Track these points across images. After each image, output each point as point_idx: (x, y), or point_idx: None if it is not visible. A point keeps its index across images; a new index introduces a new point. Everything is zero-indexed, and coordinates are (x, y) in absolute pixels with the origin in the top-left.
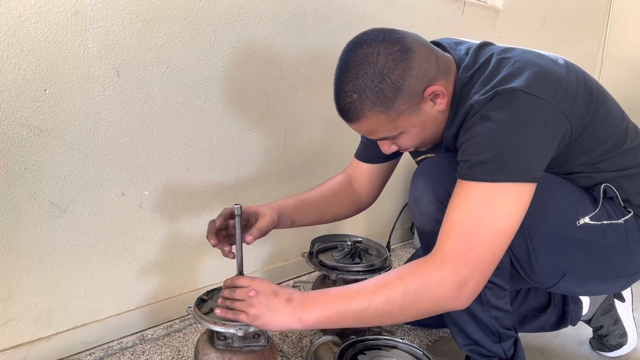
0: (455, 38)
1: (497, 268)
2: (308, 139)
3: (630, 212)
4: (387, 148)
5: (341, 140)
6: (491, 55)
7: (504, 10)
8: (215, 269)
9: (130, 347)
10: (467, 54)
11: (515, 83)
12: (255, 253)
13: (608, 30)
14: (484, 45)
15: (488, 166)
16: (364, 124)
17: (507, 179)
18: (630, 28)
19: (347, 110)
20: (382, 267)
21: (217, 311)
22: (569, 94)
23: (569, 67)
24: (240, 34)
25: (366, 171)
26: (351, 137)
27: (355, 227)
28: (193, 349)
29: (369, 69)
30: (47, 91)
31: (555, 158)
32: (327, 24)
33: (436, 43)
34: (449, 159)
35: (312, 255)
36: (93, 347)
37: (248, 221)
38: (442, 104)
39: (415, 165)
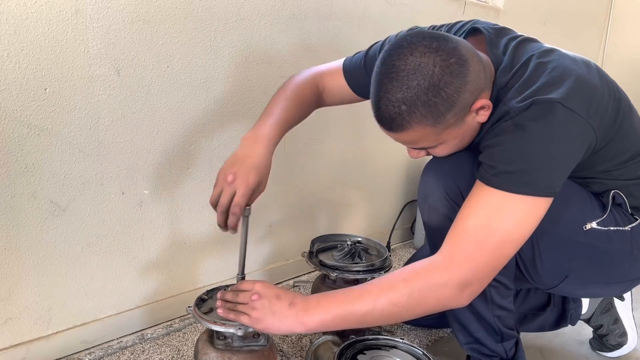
0: (495, 24)
1: (504, 267)
2: (308, 138)
3: (637, 220)
4: (416, 154)
5: (342, 139)
6: (530, 58)
7: (504, 10)
8: (215, 268)
9: (130, 346)
10: (504, 52)
11: (554, 94)
12: (256, 253)
13: (609, 30)
14: (523, 42)
15: (514, 177)
16: (406, 135)
17: (529, 192)
18: (631, 29)
19: (390, 120)
20: (382, 266)
21: (219, 311)
22: (601, 108)
23: (601, 76)
24: (240, 33)
25: (345, 93)
26: (352, 137)
27: (355, 227)
28: (193, 349)
29: (423, 80)
30: (47, 90)
31: None
32: (328, 23)
33: (476, 29)
34: (462, 155)
35: (312, 255)
36: (93, 347)
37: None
38: (485, 115)
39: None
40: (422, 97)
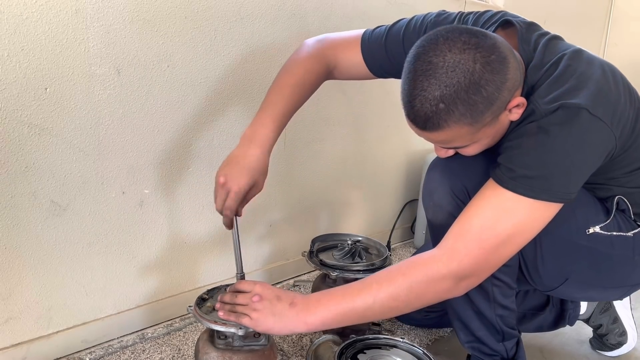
0: (524, 18)
1: (507, 267)
2: (308, 138)
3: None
4: (444, 153)
5: (342, 139)
6: (560, 58)
7: (504, 9)
8: (215, 268)
9: (131, 345)
10: (535, 49)
11: (581, 99)
12: (256, 252)
13: (609, 30)
14: (553, 40)
15: (533, 183)
16: (441, 134)
17: (546, 198)
18: (631, 28)
19: (425, 119)
20: (382, 266)
21: (220, 314)
22: (623, 116)
23: (624, 83)
24: (240, 32)
25: (360, 70)
26: (352, 137)
27: (355, 226)
28: (193, 348)
29: (464, 78)
30: (47, 90)
31: None
32: (328, 22)
33: (507, 22)
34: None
35: (313, 255)
36: (93, 346)
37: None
38: (518, 114)
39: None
40: (461, 95)
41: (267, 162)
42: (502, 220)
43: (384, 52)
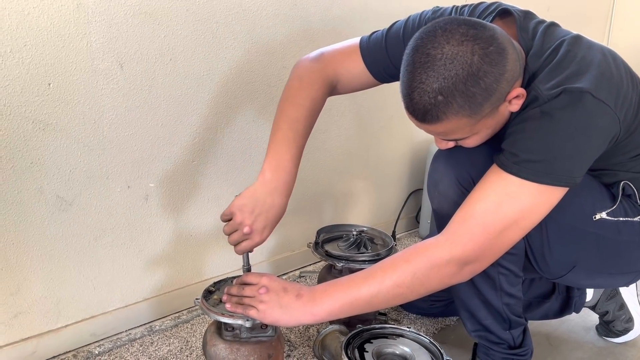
0: (518, 7)
1: (513, 255)
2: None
3: None
4: (445, 145)
5: (344, 129)
6: (560, 44)
7: None
8: (222, 260)
9: (139, 338)
10: (533, 37)
11: (583, 83)
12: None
13: (613, 14)
14: (551, 27)
15: (536, 167)
16: (440, 126)
17: (550, 182)
18: (633, 21)
19: (424, 111)
20: (388, 256)
21: (228, 306)
22: (626, 101)
23: (625, 68)
24: (243, 24)
25: (363, 80)
26: (355, 127)
27: (360, 217)
28: (201, 340)
29: (462, 70)
30: (51, 85)
31: None
32: (329, 12)
33: (505, 11)
34: None
35: (318, 246)
36: (102, 339)
37: None
38: (518, 105)
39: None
40: (460, 87)
41: (286, 207)
42: (505, 205)
43: (386, 54)
